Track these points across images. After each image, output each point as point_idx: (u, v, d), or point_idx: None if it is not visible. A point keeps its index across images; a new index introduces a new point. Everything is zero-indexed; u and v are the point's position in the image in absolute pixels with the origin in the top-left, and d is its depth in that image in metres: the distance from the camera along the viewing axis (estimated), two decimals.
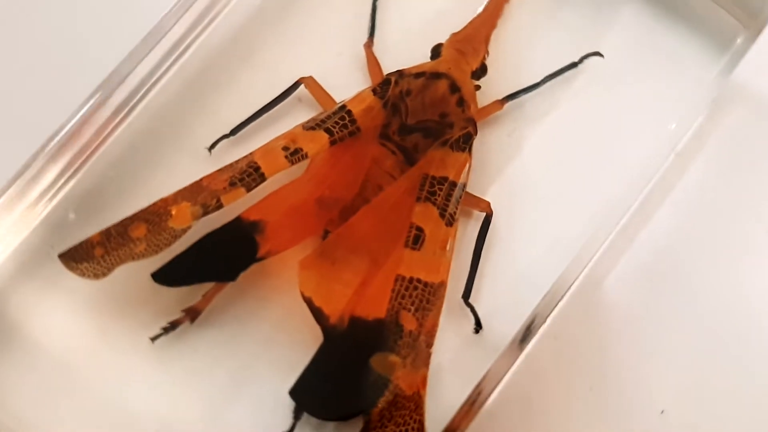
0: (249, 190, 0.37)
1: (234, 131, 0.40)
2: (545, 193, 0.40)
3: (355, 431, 0.36)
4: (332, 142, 0.38)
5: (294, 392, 0.36)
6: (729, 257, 0.40)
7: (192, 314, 0.38)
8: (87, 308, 0.38)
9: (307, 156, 0.37)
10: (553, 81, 0.40)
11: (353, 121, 0.38)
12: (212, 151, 0.40)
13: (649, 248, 0.40)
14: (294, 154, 0.37)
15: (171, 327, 0.38)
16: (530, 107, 0.41)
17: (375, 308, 0.36)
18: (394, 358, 0.36)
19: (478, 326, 0.38)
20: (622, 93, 0.41)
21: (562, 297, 0.38)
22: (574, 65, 0.41)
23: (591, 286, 0.39)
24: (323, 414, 0.36)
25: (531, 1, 0.42)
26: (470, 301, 0.38)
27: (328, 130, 0.38)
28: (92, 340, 0.38)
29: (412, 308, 0.36)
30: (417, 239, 0.37)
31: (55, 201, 0.39)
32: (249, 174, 0.37)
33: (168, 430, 0.37)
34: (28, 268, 0.38)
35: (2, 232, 0.38)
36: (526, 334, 0.37)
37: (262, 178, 0.37)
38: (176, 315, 0.38)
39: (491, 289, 0.39)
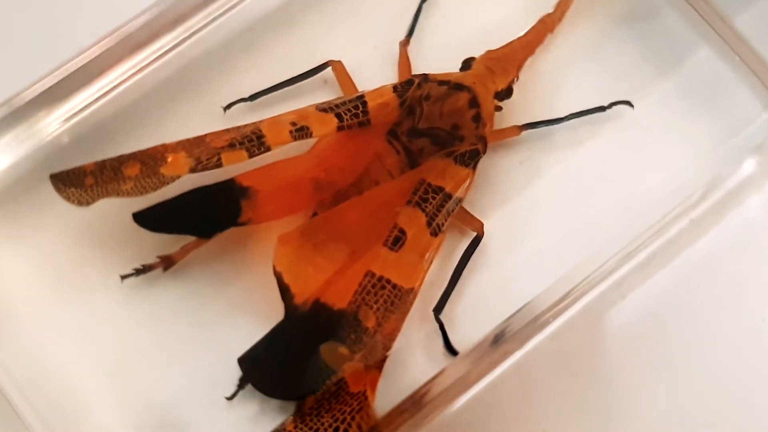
0: (250, 155, 0.37)
1: (253, 97, 0.40)
2: (546, 225, 0.40)
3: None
4: (340, 128, 0.38)
5: (242, 360, 0.36)
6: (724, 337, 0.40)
7: (166, 263, 0.38)
8: (66, 237, 0.38)
9: (311, 135, 0.38)
10: (576, 119, 0.40)
11: (366, 113, 0.38)
12: (227, 111, 0.40)
13: (637, 308, 0.39)
14: (299, 131, 0.37)
15: (143, 270, 0.38)
16: (547, 140, 0.40)
17: (341, 298, 0.36)
18: (343, 349, 0.36)
19: (448, 347, 0.38)
20: (644, 145, 0.41)
21: (538, 320, 0.38)
22: (602, 109, 0.40)
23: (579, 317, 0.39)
24: (265, 389, 0.36)
25: (576, 35, 0.41)
26: (442, 317, 0.38)
27: (338, 116, 0.38)
28: (64, 269, 0.38)
29: (375, 306, 0.36)
30: (397, 241, 0.37)
31: (63, 127, 0.39)
32: (251, 140, 0.37)
33: (119, 370, 0.38)
34: (19, 188, 0.39)
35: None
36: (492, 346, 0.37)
37: (265, 146, 0.37)
38: (152, 260, 0.38)
39: (469, 307, 0.39)
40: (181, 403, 0.38)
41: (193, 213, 0.37)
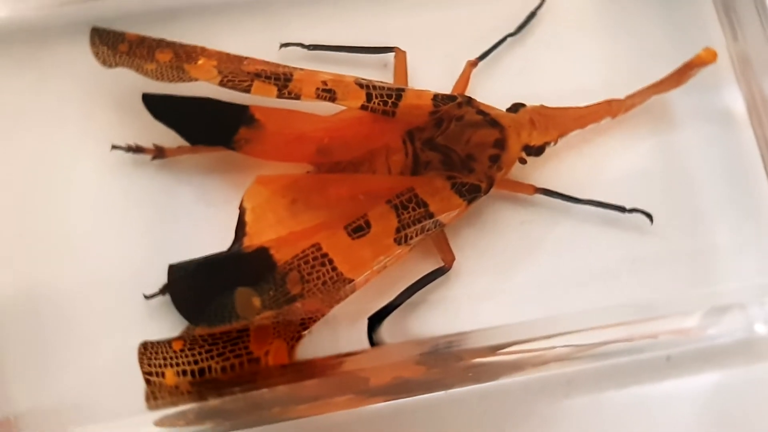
0: (279, 95, 0.38)
1: (311, 47, 0.40)
2: (520, 293, 0.39)
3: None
4: (363, 107, 0.38)
5: (172, 269, 0.37)
6: None
7: (157, 153, 0.39)
8: (74, 91, 0.40)
9: (334, 101, 0.38)
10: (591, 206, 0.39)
11: (395, 105, 0.38)
12: (282, 49, 0.40)
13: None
14: (326, 92, 0.38)
15: (134, 149, 0.39)
16: (556, 211, 0.39)
17: (282, 256, 0.36)
18: (256, 301, 0.36)
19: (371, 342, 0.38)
20: (649, 257, 0.39)
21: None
22: (621, 209, 0.39)
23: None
24: (176, 303, 0.37)
25: (630, 130, 0.40)
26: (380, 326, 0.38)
27: (369, 96, 0.38)
28: (60, 122, 0.40)
29: (307, 277, 0.36)
30: (358, 230, 0.37)
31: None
32: (278, 79, 0.38)
33: (82, 243, 0.39)
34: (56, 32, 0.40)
35: None
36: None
37: (291, 93, 0.38)
38: (147, 144, 0.39)
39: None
40: (116, 281, 0.39)
41: (197, 118, 0.38)
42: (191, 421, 0.37)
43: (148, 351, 0.36)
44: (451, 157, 0.38)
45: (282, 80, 0.38)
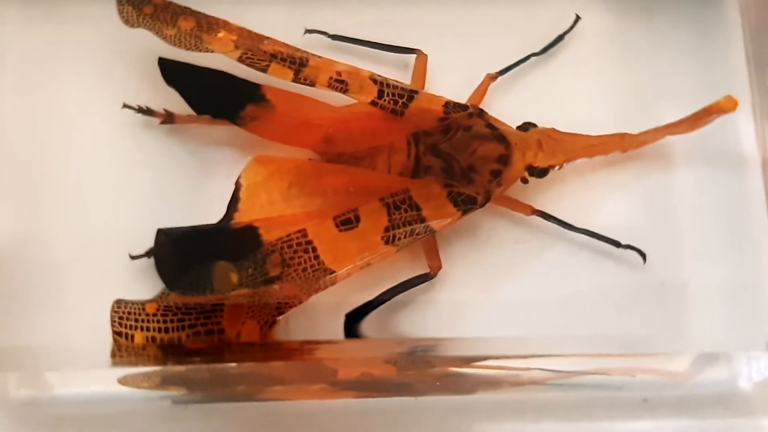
0: (294, 78, 0.38)
1: (334, 36, 0.40)
2: (504, 310, 0.39)
3: None
4: (373, 103, 0.38)
5: (159, 232, 0.37)
6: None
7: (167, 118, 0.39)
8: (97, 49, 0.40)
9: (345, 93, 0.38)
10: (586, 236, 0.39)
11: (405, 105, 0.38)
12: (306, 35, 0.41)
13: None
14: (338, 83, 0.38)
15: (144, 110, 0.39)
16: (550, 235, 0.39)
17: (268, 237, 0.36)
18: (234, 276, 0.36)
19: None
20: (638, 294, 0.39)
21: None
22: (616, 244, 0.39)
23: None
24: (158, 267, 0.37)
25: (639, 165, 0.40)
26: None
27: (380, 93, 0.38)
28: (77, 80, 0.40)
29: (288, 261, 0.36)
30: (346, 222, 0.37)
31: None
32: (294, 62, 0.38)
33: (81, 195, 0.40)
34: None
35: None
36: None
37: (306, 78, 0.38)
38: (158, 109, 0.39)
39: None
40: (107, 237, 0.39)
41: (207, 88, 0.38)
42: (155, 384, 0.37)
43: (121, 309, 0.36)
44: (452, 166, 0.38)
45: (297, 64, 0.38)
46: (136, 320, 0.36)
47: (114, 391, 0.38)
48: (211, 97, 0.38)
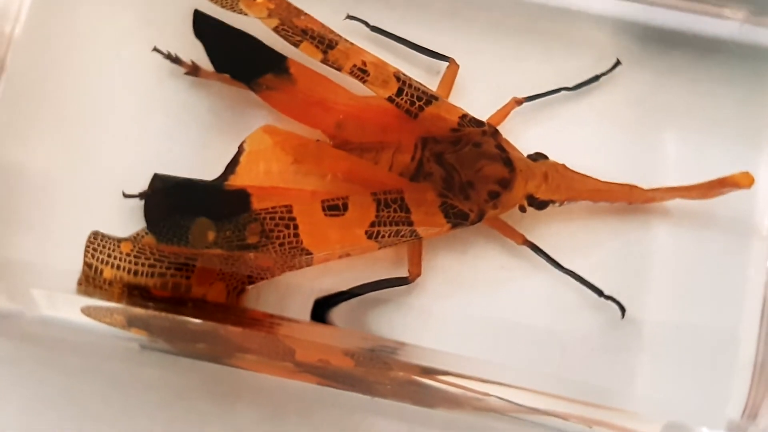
0: (323, 59, 0.38)
1: (373, 27, 0.41)
2: (476, 331, 0.39)
3: None
4: (390, 99, 0.38)
5: (155, 177, 0.38)
6: None
7: (192, 69, 0.40)
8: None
9: (364, 83, 0.38)
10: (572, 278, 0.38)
11: (421, 108, 0.38)
12: (346, 20, 0.41)
13: None
14: (360, 71, 0.38)
15: (173, 58, 0.40)
16: (537, 269, 0.39)
17: (258, 204, 0.37)
18: (211, 235, 0.36)
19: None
20: (612, 346, 0.39)
21: None
22: (599, 293, 0.38)
23: None
24: (145, 208, 0.37)
25: (644, 220, 0.39)
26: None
27: (400, 91, 0.38)
28: (114, 15, 0.41)
29: (267, 232, 0.36)
30: (333, 208, 0.37)
31: None
32: (322, 42, 0.38)
33: (91, 126, 0.40)
34: None
35: None
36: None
37: (332, 61, 0.38)
38: (187, 60, 0.40)
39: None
40: (108, 172, 0.40)
41: (232, 48, 0.39)
42: (116, 322, 0.38)
43: (96, 241, 0.37)
44: (452, 177, 0.37)
45: (326, 45, 0.38)
46: (109, 255, 0.37)
47: (84, 322, 0.38)
48: (234, 56, 0.39)
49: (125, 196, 0.39)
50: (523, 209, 0.38)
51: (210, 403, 0.39)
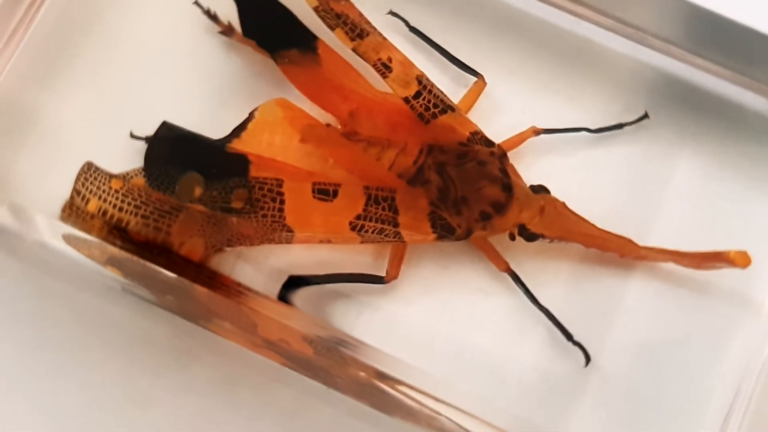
0: (353, 48, 0.38)
1: (412, 28, 0.41)
2: (439, 348, 0.39)
3: None
4: (405, 100, 0.38)
5: (163, 124, 0.38)
6: None
7: (227, 30, 0.40)
8: None
9: (384, 78, 0.38)
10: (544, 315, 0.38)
11: (434, 116, 0.38)
12: (388, 15, 0.41)
13: None
14: (383, 66, 0.38)
15: (211, 15, 0.40)
16: (515, 298, 0.38)
17: (256, 172, 0.37)
18: (198, 191, 0.36)
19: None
20: (571, 389, 0.38)
21: None
22: (568, 336, 0.38)
23: None
24: (146, 152, 0.38)
25: (633, 274, 0.39)
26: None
27: (418, 94, 0.38)
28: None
29: (253, 201, 0.36)
30: (323, 193, 0.37)
31: None
32: (353, 30, 0.38)
33: (120, 64, 0.41)
34: None
35: None
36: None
37: (361, 53, 0.38)
38: (224, 19, 0.40)
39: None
40: (122, 111, 0.40)
41: (264, 16, 0.39)
42: (92, 255, 0.38)
43: (89, 172, 0.37)
44: (449, 190, 0.37)
45: (356, 34, 0.38)
46: (98, 188, 0.37)
47: (68, 251, 0.39)
48: (264, 25, 0.39)
49: (132, 136, 0.39)
50: (512, 237, 0.38)
51: (169, 356, 0.39)
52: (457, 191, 0.37)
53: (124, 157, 0.39)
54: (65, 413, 0.39)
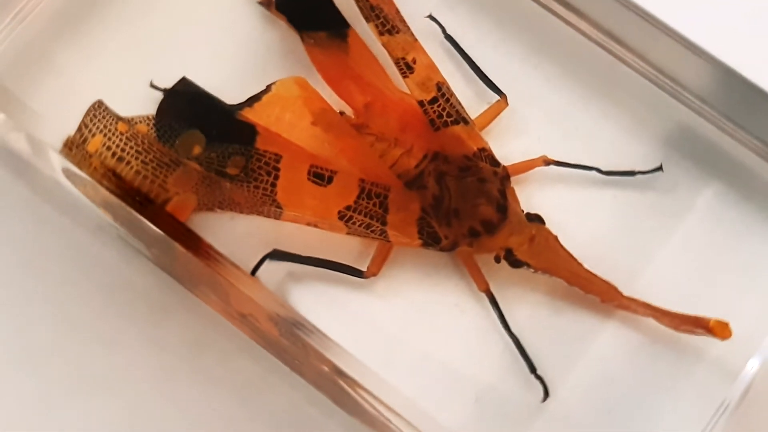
0: (381, 41, 0.39)
1: (447, 36, 0.41)
2: (406, 359, 0.38)
3: None
4: (420, 104, 0.38)
5: (182, 80, 0.38)
6: None
7: (267, 3, 0.41)
8: None
9: (404, 77, 0.38)
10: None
11: (446, 124, 0.38)
12: (428, 18, 0.41)
13: None
14: (405, 66, 0.38)
15: None
16: (489, 321, 0.38)
17: (260, 144, 0.37)
18: (198, 150, 0.37)
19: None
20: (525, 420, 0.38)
21: None
22: (532, 368, 0.37)
23: None
24: (161, 104, 0.38)
25: (617, 320, 0.39)
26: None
27: (434, 100, 0.38)
28: None
29: (248, 171, 0.37)
30: (318, 177, 0.37)
31: None
32: (385, 26, 0.39)
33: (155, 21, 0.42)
34: None
35: None
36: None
37: (389, 48, 0.38)
38: None
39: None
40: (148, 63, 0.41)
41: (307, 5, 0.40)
42: (87, 193, 0.38)
43: (99, 110, 0.38)
44: (443, 200, 0.37)
45: (386, 29, 0.38)
46: (105, 127, 0.38)
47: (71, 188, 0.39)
48: (298, 2, 0.39)
49: (151, 86, 0.40)
50: (498, 259, 0.37)
51: (145, 307, 0.40)
52: (451, 203, 0.37)
53: (141, 106, 0.39)
54: (33, 338, 0.39)
